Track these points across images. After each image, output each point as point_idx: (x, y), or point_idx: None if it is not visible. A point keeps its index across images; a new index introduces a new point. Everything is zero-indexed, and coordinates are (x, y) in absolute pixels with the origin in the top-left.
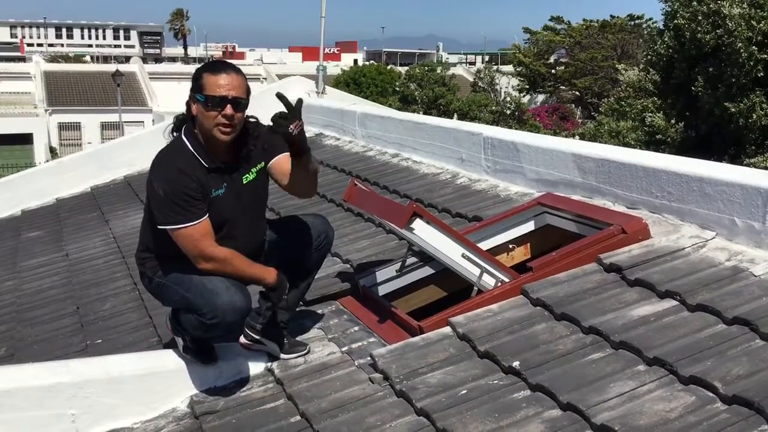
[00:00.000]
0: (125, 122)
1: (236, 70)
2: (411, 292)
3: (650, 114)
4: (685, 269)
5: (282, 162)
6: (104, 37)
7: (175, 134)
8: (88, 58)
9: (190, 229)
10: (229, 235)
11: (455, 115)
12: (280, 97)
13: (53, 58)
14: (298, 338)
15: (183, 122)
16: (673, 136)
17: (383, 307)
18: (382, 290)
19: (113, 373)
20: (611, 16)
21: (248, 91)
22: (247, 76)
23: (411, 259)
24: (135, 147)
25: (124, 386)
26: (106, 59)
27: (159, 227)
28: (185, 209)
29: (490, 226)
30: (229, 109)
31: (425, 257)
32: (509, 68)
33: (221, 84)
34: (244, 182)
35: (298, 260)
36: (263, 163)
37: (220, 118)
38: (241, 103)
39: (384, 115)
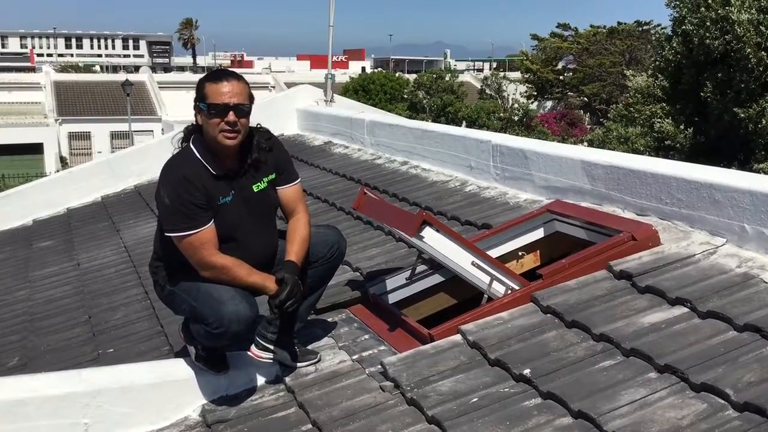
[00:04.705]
0: (135, 131)
1: (237, 78)
2: (421, 300)
3: (659, 120)
4: (695, 276)
5: (287, 193)
6: (113, 47)
7: (183, 144)
8: (97, 68)
9: (192, 237)
10: (239, 244)
11: (464, 123)
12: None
13: (63, 68)
14: (309, 347)
15: (192, 132)
16: (682, 142)
17: (393, 315)
18: (393, 298)
19: (125, 382)
20: (618, 22)
21: (251, 98)
22: (256, 85)
23: (421, 267)
24: (145, 156)
25: (137, 395)
26: (115, 69)
27: (166, 234)
28: (189, 217)
29: (499, 234)
30: (231, 116)
31: (435, 265)
32: (517, 75)
33: (223, 92)
34: (255, 190)
35: (310, 271)
36: (275, 175)
37: (223, 124)
38: (243, 109)
39: (393, 123)
